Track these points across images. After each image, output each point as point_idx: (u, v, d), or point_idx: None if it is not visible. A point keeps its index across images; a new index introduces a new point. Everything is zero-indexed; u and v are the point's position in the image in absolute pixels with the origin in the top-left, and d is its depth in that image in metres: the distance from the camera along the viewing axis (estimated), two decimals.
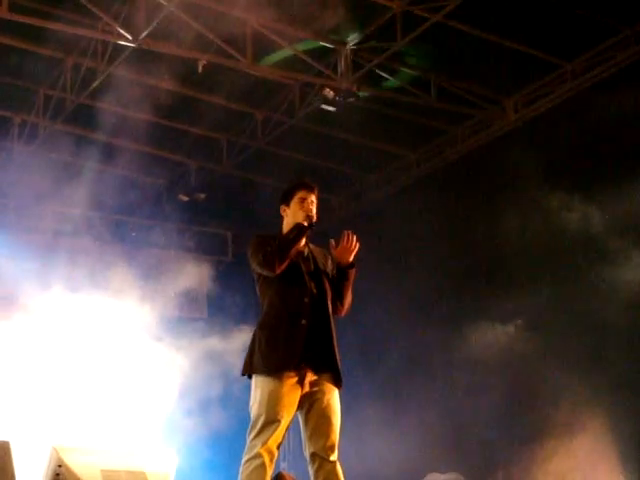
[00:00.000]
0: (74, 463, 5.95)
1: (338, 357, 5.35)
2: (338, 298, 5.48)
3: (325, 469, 5.18)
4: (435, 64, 10.45)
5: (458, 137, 11.71)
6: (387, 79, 10.69)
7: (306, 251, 5.46)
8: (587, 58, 10.03)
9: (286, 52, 10.13)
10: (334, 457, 5.22)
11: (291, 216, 5.45)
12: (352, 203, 13.36)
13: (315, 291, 5.35)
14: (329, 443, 5.20)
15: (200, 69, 9.91)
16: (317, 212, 5.46)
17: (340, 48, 10.14)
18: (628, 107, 9.30)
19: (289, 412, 5.16)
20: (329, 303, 5.40)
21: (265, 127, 11.72)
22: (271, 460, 5.11)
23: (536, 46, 9.84)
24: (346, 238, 5.42)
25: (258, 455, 5.07)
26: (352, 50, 10.14)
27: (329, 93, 10.29)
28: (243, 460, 5.13)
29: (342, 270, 5.45)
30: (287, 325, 5.24)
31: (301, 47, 10.16)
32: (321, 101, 10.45)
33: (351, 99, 10.33)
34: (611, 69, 9.83)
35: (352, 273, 5.47)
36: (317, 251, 5.54)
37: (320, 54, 10.25)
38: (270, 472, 5.11)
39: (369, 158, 12.40)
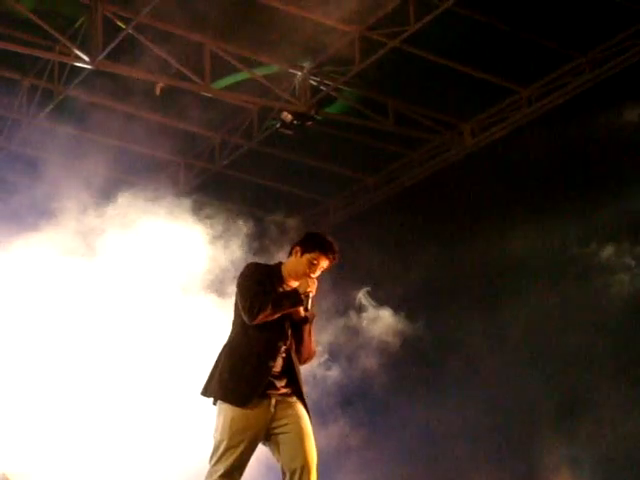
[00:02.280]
0: None
1: (304, 392, 5.31)
2: (302, 349, 5.37)
3: None
4: (393, 88, 10.50)
5: (415, 161, 11.78)
6: (344, 103, 10.75)
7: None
8: (542, 84, 10.17)
9: (244, 75, 10.14)
10: (312, 476, 5.14)
11: (296, 265, 5.31)
12: (311, 227, 13.33)
13: (292, 338, 5.29)
14: (307, 465, 5.13)
15: (158, 92, 9.89)
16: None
17: (298, 72, 10.19)
18: (582, 133, 9.45)
19: (252, 438, 5.07)
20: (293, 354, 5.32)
21: (223, 150, 11.71)
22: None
23: (493, 71, 9.95)
24: None
25: (225, 475, 5.01)
26: (310, 74, 10.19)
27: (287, 117, 10.30)
28: None
29: (305, 320, 5.33)
30: (255, 363, 5.14)
31: (260, 71, 10.18)
32: (279, 124, 10.46)
33: (309, 122, 10.37)
34: (565, 95, 9.98)
35: (308, 323, 5.35)
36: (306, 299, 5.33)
37: (278, 78, 10.28)
38: None
39: (328, 182, 12.41)
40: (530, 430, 10.10)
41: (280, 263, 5.42)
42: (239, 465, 5.03)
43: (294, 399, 5.24)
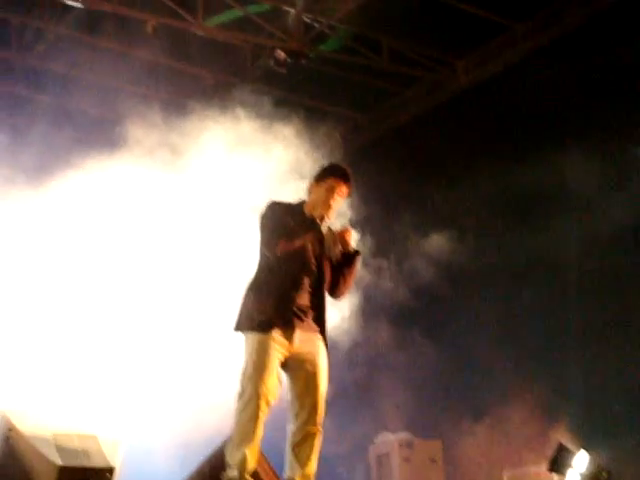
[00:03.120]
0: (25, 427, 5.93)
1: (327, 330, 5.39)
2: (337, 282, 5.49)
3: (306, 431, 5.22)
4: (386, 26, 10.42)
5: (409, 99, 11.72)
6: (337, 41, 10.66)
7: (315, 225, 5.39)
8: (538, 19, 10.07)
9: (237, 13, 10.04)
10: (319, 422, 5.25)
11: (315, 198, 5.41)
12: None
13: (316, 274, 5.38)
14: (315, 406, 5.24)
15: (150, 30, 9.80)
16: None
17: (291, 9, 10.09)
18: (577, 67, 9.39)
19: (276, 364, 5.18)
20: (326, 280, 5.42)
21: (215, 90, 11.62)
22: (266, 403, 5.12)
23: (487, 7, 9.86)
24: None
25: (250, 400, 5.10)
26: (303, 11, 10.09)
27: (280, 55, 10.23)
28: (236, 407, 5.15)
29: (348, 256, 5.45)
30: (279, 295, 5.28)
31: (253, 9, 10.08)
32: (273, 62, 10.39)
33: (302, 60, 10.30)
34: (563, 30, 9.88)
35: (358, 260, 5.50)
36: (328, 233, 5.44)
37: (272, 15, 10.18)
38: (263, 416, 5.11)
39: (321, 121, 12.33)
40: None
41: (302, 202, 5.48)
42: (266, 391, 5.12)
43: (318, 336, 5.35)
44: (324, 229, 5.34)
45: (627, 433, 9.00)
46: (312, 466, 5.25)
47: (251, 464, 5.13)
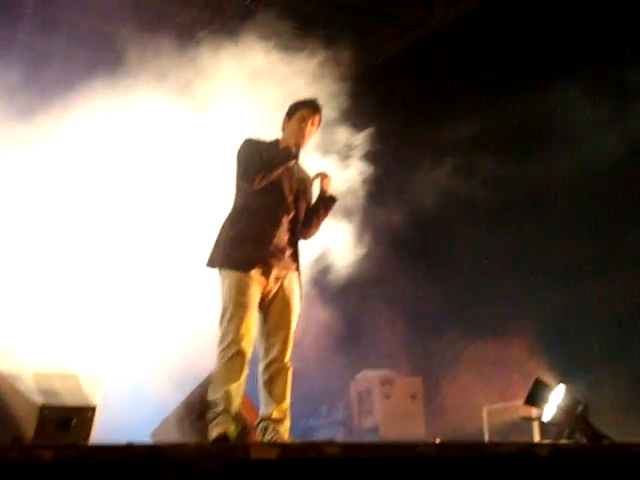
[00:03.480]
0: (5, 366, 5.94)
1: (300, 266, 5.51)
2: (309, 224, 5.64)
3: (277, 367, 5.28)
4: None
5: (388, 36, 11.59)
6: None
7: (295, 170, 5.55)
8: None
9: None
10: (287, 357, 5.32)
11: (288, 131, 5.58)
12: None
13: (291, 209, 5.48)
14: (286, 343, 5.36)
15: None
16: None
17: None
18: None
19: (255, 304, 5.25)
20: (299, 220, 5.57)
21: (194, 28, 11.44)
22: (248, 343, 5.17)
23: None
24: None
25: (232, 343, 5.13)
26: None
27: None
28: (218, 350, 5.19)
29: (325, 200, 5.65)
30: (256, 231, 5.35)
31: None
32: (250, 1, 10.25)
33: None
34: None
35: (332, 205, 5.71)
36: (300, 170, 5.66)
37: None
38: (246, 357, 5.18)
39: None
40: None
41: (277, 139, 5.55)
42: (246, 330, 5.20)
43: (293, 273, 5.45)
44: (299, 159, 5.50)
45: (604, 366, 9.14)
46: (286, 401, 5.31)
47: (236, 401, 5.18)
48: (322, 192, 5.69)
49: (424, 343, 10.86)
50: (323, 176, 5.67)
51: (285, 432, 5.28)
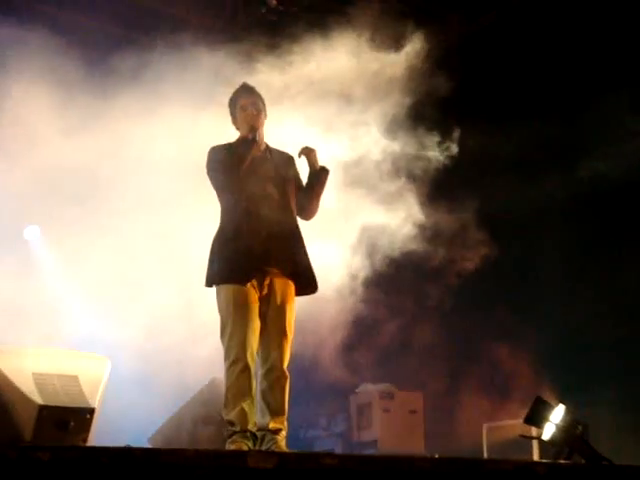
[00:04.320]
0: (5, 366, 5.92)
1: (305, 261, 5.37)
2: (308, 202, 5.52)
3: (275, 375, 5.24)
4: None
5: None
6: None
7: (266, 155, 5.46)
8: None
9: None
10: (285, 365, 5.27)
11: (239, 124, 5.55)
12: None
13: (279, 199, 5.32)
14: (282, 351, 5.29)
15: None
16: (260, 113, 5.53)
17: None
18: None
19: (254, 312, 5.21)
20: (293, 207, 5.40)
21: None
22: (252, 357, 5.16)
23: None
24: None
25: (238, 359, 5.11)
26: None
27: (272, 2, 10.12)
28: (225, 366, 5.17)
29: (317, 174, 5.55)
30: (244, 236, 5.27)
31: None
32: (264, 10, 10.27)
33: (294, 8, 10.19)
34: None
35: (326, 177, 5.57)
36: (278, 155, 5.56)
37: None
38: (252, 370, 5.19)
39: None
40: None
41: (238, 137, 5.51)
42: (249, 344, 5.18)
43: (287, 279, 5.38)
44: (259, 138, 5.43)
45: (604, 388, 9.11)
46: (284, 411, 5.28)
47: (251, 419, 5.16)
48: (312, 167, 5.60)
49: (425, 358, 10.82)
50: (308, 151, 5.58)
51: (282, 442, 5.23)
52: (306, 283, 5.46)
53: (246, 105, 5.52)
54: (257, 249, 5.25)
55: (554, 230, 10.01)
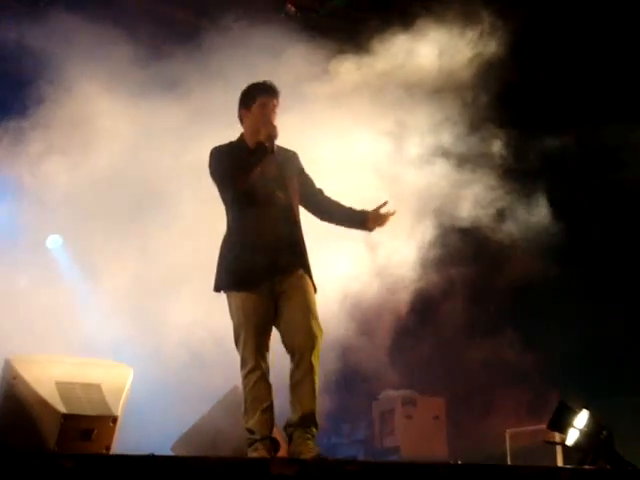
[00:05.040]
0: (29, 375, 5.95)
1: (308, 261, 5.36)
2: (331, 219, 5.60)
3: (303, 370, 5.19)
4: None
5: None
6: None
7: (273, 158, 5.29)
8: None
9: None
10: (313, 358, 5.17)
11: (253, 122, 5.33)
12: None
13: (283, 199, 5.31)
14: (306, 342, 5.18)
15: None
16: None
17: None
18: None
19: (267, 317, 5.18)
20: (296, 206, 5.38)
21: None
22: (267, 368, 5.15)
23: None
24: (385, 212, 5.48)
25: (254, 367, 5.11)
26: None
27: (291, 9, 10.13)
28: (242, 375, 5.16)
29: (362, 227, 5.57)
30: (253, 242, 5.22)
31: None
32: (283, 16, 10.29)
33: (313, 15, 10.20)
34: None
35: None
36: (282, 153, 5.40)
37: None
38: (267, 375, 5.16)
39: None
40: None
41: (240, 136, 5.42)
42: (264, 350, 5.16)
43: (300, 272, 5.30)
44: (275, 148, 5.22)
45: (629, 392, 9.06)
46: (313, 406, 5.22)
47: (270, 426, 5.15)
48: (368, 225, 5.60)
49: (448, 364, 10.79)
50: (384, 217, 5.53)
51: (311, 442, 5.11)
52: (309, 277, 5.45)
53: (267, 103, 5.32)
54: (265, 254, 5.19)
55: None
